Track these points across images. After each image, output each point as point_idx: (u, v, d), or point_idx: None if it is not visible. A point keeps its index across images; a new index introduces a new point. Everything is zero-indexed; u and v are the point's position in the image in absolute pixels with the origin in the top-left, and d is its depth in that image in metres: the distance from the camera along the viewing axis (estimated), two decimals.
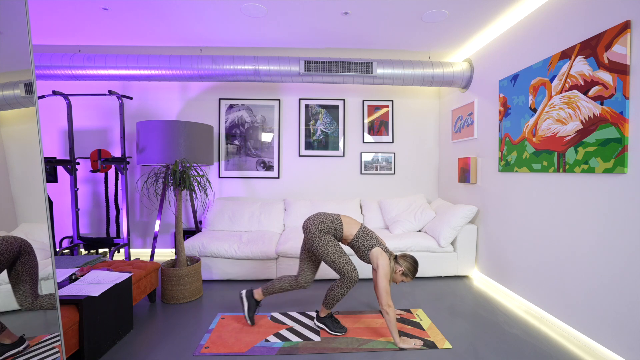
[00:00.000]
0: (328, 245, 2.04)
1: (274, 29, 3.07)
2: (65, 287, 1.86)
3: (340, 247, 2.09)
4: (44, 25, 2.98)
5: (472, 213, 3.09)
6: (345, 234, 2.11)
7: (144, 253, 3.98)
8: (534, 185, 2.43)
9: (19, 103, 1.30)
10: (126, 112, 3.90)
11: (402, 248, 3.08)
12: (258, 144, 4.02)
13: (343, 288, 2.05)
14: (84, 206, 3.93)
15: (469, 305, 2.56)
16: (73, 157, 3.35)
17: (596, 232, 1.91)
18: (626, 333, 1.72)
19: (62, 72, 3.22)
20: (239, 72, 3.25)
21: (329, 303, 2.10)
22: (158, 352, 1.91)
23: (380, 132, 4.10)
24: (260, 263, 3.03)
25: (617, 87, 1.77)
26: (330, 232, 2.08)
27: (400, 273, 2.07)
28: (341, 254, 2.05)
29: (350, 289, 2.07)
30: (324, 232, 2.07)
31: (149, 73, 3.24)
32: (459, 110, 3.57)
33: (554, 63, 2.21)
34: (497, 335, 2.10)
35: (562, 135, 2.14)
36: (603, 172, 1.85)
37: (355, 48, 3.54)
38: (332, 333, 2.11)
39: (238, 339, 2.04)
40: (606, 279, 1.84)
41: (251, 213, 3.64)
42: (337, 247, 2.06)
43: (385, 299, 1.92)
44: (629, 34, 1.72)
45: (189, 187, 2.67)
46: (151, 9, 2.69)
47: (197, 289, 2.69)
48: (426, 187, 4.19)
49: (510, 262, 2.70)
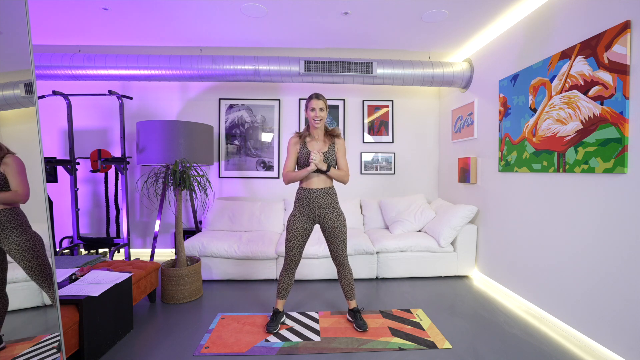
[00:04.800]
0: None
1: (274, 29, 3.07)
2: (65, 287, 1.86)
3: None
4: (44, 25, 2.98)
5: (472, 213, 3.09)
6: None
7: (144, 253, 3.98)
8: (534, 185, 2.42)
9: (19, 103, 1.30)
10: (126, 112, 3.90)
11: (402, 248, 3.08)
12: (258, 144, 4.02)
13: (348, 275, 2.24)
14: (84, 206, 3.93)
15: (469, 305, 2.56)
16: (73, 157, 3.35)
17: (596, 232, 1.91)
18: (626, 333, 1.72)
19: (62, 72, 3.22)
20: (239, 72, 3.25)
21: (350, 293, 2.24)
22: (158, 352, 1.91)
23: (380, 132, 4.10)
24: (260, 263, 3.03)
25: (617, 87, 1.77)
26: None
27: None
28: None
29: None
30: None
31: (149, 73, 3.24)
32: (459, 110, 3.57)
33: (554, 63, 2.21)
34: (497, 335, 2.10)
35: (562, 135, 2.13)
36: (603, 172, 1.85)
37: (355, 48, 3.54)
38: (355, 328, 2.16)
39: (238, 339, 2.04)
40: (606, 279, 1.84)
41: (251, 213, 3.64)
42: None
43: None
44: (629, 34, 1.72)
45: (189, 187, 2.67)
46: (151, 9, 2.69)
47: (197, 289, 2.69)
48: (426, 187, 4.19)
49: (510, 262, 2.70)
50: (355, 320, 2.19)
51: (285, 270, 2.19)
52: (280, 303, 2.23)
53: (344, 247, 2.17)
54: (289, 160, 2.13)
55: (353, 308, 2.25)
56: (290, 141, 2.15)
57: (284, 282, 2.20)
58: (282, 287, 2.20)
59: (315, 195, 2.09)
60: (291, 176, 2.10)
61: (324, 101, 2.08)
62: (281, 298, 2.22)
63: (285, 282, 2.20)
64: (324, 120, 2.10)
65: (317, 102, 2.06)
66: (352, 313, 2.24)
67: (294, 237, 2.12)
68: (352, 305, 2.26)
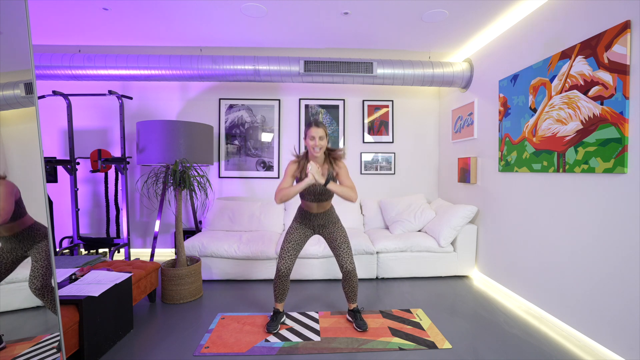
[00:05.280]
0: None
1: (274, 29, 3.07)
2: (65, 287, 1.86)
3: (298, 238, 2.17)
4: (44, 25, 2.98)
5: (472, 213, 3.09)
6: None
7: (144, 253, 3.98)
8: (534, 185, 2.42)
9: (19, 103, 1.30)
10: (126, 112, 3.90)
11: (402, 248, 3.08)
12: (258, 144, 4.02)
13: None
14: (84, 206, 3.93)
15: (469, 305, 2.56)
16: (73, 157, 3.35)
17: (596, 232, 1.91)
18: (626, 333, 1.72)
19: (62, 72, 3.21)
20: (239, 72, 3.25)
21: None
22: (158, 352, 1.91)
23: (380, 132, 4.10)
24: (260, 263, 3.03)
25: (617, 87, 1.77)
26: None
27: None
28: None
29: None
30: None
31: (149, 73, 3.24)
32: (459, 110, 3.57)
33: (554, 63, 2.21)
34: (497, 335, 2.10)
35: (562, 135, 2.14)
36: (603, 172, 1.85)
37: (355, 48, 3.54)
38: (356, 328, 2.17)
39: (238, 339, 2.04)
40: (606, 279, 1.84)
41: (251, 213, 3.64)
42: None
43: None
44: (629, 34, 1.72)
45: (189, 187, 2.67)
46: (151, 9, 2.69)
47: (197, 289, 2.69)
48: (426, 187, 4.19)
49: (510, 262, 2.70)
50: (355, 320, 2.19)
51: (278, 277, 2.14)
52: (280, 304, 2.23)
53: (349, 252, 2.16)
54: (285, 181, 2.06)
55: (353, 308, 2.25)
56: (289, 164, 2.09)
57: (279, 288, 2.17)
58: (279, 292, 2.19)
59: (315, 217, 2.18)
60: (285, 192, 1.96)
61: (323, 129, 2.00)
62: (279, 301, 2.22)
63: (280, 289, 2.17)
64: (323, 148, 2.04)
65: (317, 131, 1.98)
66: (352, 313, 2.24)
67: (290, 241, 2.14)
68: (352, 307, 2.26)
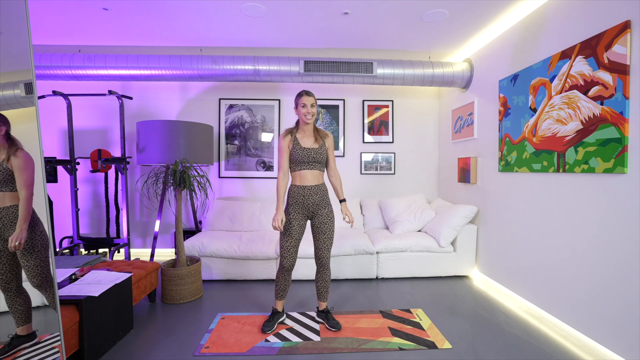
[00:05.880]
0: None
1: (274, 29, 3.07)
2: (65, 287, 1.86)
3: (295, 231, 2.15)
4: (44, 25, 2.98)
5: (472, 213, 3.09)
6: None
7: (144, 253, 3.98)
8: (534, 185, 2.42)
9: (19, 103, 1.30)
10: (126, 112, 3.90)
11: (402, 248, 3.08)
12: (258, 144, 4.02)
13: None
14: (84, 206, 3.93)
15: (469, 305, 2.56)
16: (73, 157, 3.35)
17: (596, 232, 1.91)
18: (626, 333, 1.72)
19: (62, 72, 3.22)
20: (239, 72, 3.25)
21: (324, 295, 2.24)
22: (158, 352, 1.91)
23: (380, 132, 4.10)
24: (260, 263, 3.03)
25: (617, 87, 1.77)
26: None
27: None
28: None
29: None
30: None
31: (149, 73, 3.24)
32: (459, 110, 3.57)
33: (554, 63, 2.21)
34: (497, 335, 2.10)
35: (562, 135, 2.14)
36: (603, 172, 1.85)
37: (355, 48, 3.54)
38: (329, 328, 2.17)
39: (238, 339, 2.04)
40: (606, 279, 1.84)
41: (251, 213, 3.64)
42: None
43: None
44: (629, 34, 1.72)
45: (189, 187, 2.67)
46: (151, 9, 2.69)
47: (197, 289, 2.69)
48: (426, 187, 4.19)
49: (510, 262, 2.70)
50: (327, 321, 2.19)
51: (282, 272, 2.15)
52: (280, 303, 2.22)
53: (329, 245, 2.16)
54: (282, 159, 2.12)
55: (324, 309, 2.24)
56: (281, 138, 2.13)
57: (281, 284, 2.18)
58: (280, 288, 2.19)
59: (309, 192, 2.11)
60: (279, 189, 2.11)
61: (313, 97, 2.12)
62: (280, 299, 2.21)
63: (282, 284, 2.18)
64: (315, 116, 2.12)
65: (308, 99, 2.09)
66: (323, 314, 2.23)
67: (290, 236, 2.11)
68: (323, 307, 2.25)
